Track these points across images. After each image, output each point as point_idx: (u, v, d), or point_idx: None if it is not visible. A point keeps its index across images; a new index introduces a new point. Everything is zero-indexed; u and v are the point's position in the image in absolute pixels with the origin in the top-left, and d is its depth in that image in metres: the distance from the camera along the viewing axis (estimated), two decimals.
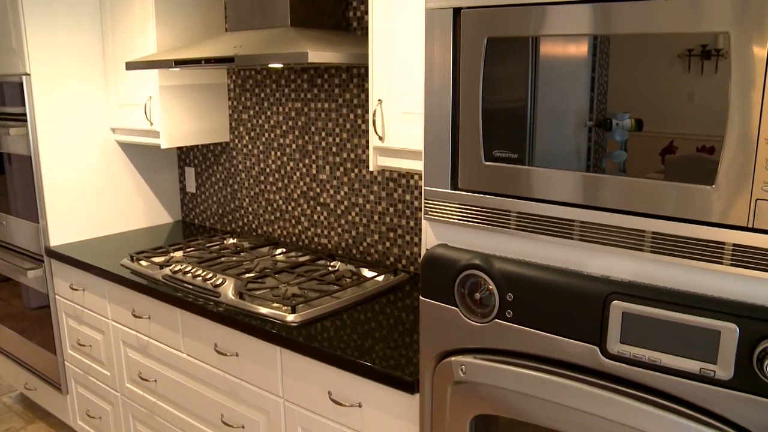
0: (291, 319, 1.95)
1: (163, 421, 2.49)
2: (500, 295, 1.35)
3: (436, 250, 1.44)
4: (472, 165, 1.36)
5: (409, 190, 2.37)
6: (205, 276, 2.25)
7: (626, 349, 1.21)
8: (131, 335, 2.52)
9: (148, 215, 3.24)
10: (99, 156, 2.97)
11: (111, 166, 3.03)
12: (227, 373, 2.14)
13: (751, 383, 1.09)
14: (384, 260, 2.51)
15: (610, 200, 1.20)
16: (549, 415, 1.33)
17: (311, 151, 2.67)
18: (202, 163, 3.19)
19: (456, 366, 1.44)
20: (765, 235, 1.05)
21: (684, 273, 1.16)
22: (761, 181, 1.03)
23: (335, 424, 1.85)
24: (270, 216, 2.91)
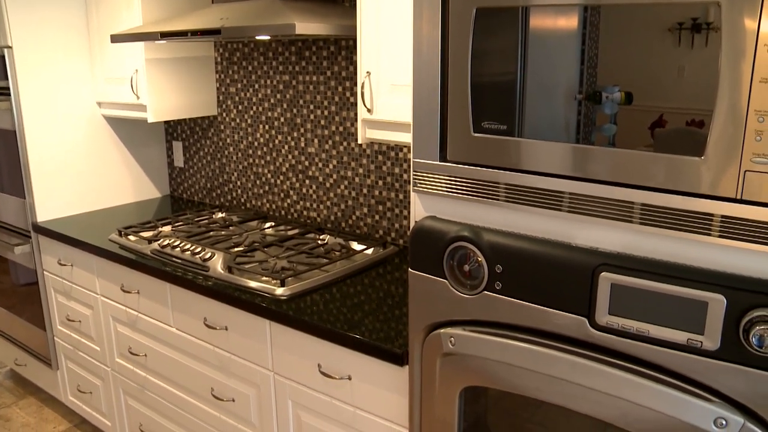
0: (280, 293, 1.95)
1: (153, 396, 2.49)
2: (489, 267, 1.35)
3: (425, 222, 1.44)
4: (460, 137, 1.35)
5: (398, 163, 2.36)
6: (194, 250, 2.24)
7: (614, 321, 1.21)
8: (120, 310, 2.51)
9: (136, 190, 3.22)
10: (85, 130, 2.94)
11: (98, 141, 3.00)
12: (217, 346, 2.14)
13: (737, 353, 1.10)
14: (373, 233, 2.51)
15: (600, 172, 1.20)
16: (538, 387, 1.34)
17: (299, 125, 2.65)
18: (189, 137, 3.16)
19: (445, 338, 1.45)
20: (753, 207, 1.05)
21: (672, 244, 1.16)
22: (750, 152, 1.03)
23: (325, 397, 1.85)
24: (258, 190, 2.90)
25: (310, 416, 1.92)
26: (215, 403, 2.23)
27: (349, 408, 1.80)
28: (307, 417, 1.93)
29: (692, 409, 1.15)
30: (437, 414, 1.53)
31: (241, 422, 2.16)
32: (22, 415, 3.18)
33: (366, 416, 1.77)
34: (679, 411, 1.17)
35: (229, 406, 2.17)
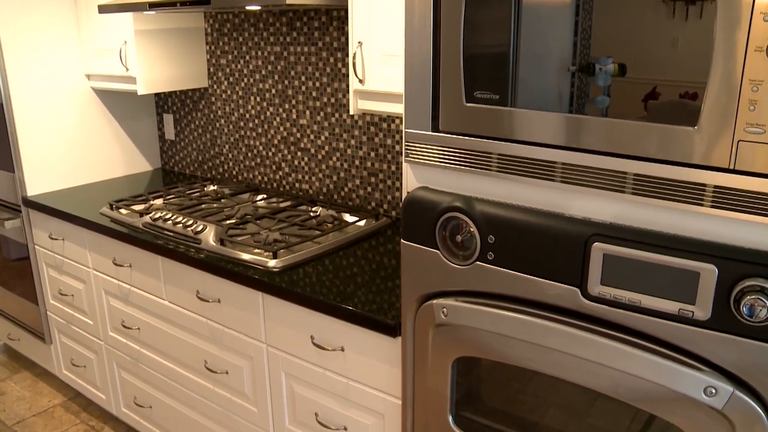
0: (272, 265, 1.95)
1: (147, 369, 2.50)
2: (481, 238, 1.35)
3: (417, 193, 1.43)
4: (453, 107, 1.34)
5: (390, 134, 2.35)
6: (186, 223, 2.23)
7: (607, 291, 1.22)
8: (113, 284, 2.51)
9: (127, 163, 3.19)
10: (74, 103, 2.91)
11: (87, 114, 2.97)
12: (210, 319, 2.14)
13: (727, 323, 1.10)
14: (365, 205, 2.50)
15: (593, 142, 1.19)
16: (530, 357, 1.34)
17: (291, 96, 2.63)
18: (180, 110, 3.13)
19: (437, 309, 1.45)
20: (746, 177, 1.05)
21: (665, 215, 1.16)
22: (744, 122, 1.03)
23: (318, 368, 1.86)
24: (250, 162, 2.88)
25: (304, 388, 1.93)
26: (209, 376, 2.23)
27: (342, 379, 1.81)
28: (300, 388, 1.94)
29: (682, 378, 1.16)
30: (430, 384, 1.54)
31: (235, 394, 2.16)
32: (17, 389, 3.19)
33: (359, 387, 1.78)
34: (669, 380, 1.17)
35: (223, 378, 2.18)
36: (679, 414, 1.19)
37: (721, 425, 1.15)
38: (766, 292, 1.04)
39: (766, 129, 1.01)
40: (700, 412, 1.17)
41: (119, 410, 2.76)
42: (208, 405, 2.29)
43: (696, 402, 1.16)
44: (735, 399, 1.12)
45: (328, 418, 1.89)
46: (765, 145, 1.02)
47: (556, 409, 1.44)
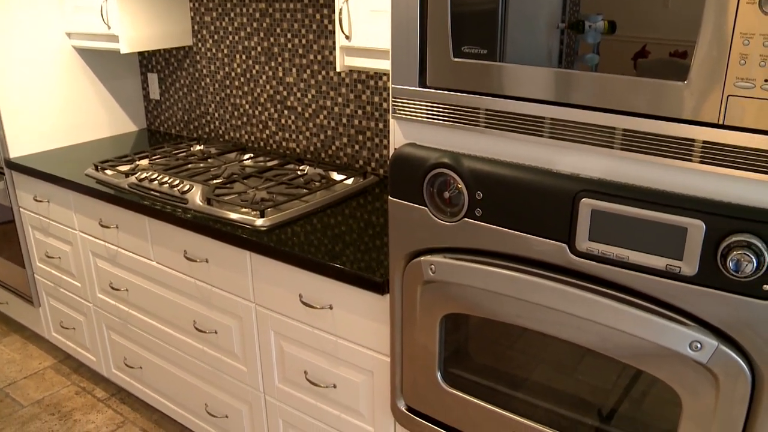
0: (260, 224, 1.94)
1: (136, 330, 2.50)
2: (469, 194, 1.34)
3: (405, 149, 1.42)
4: (440, 62, 1.32)
5: (378, 92, 2.32)
6: (172, 183, 2.21)
7: (595, 247, 1.22)
8: (100, 245, 2.49)
9: (112, 124, 3.15)
10: (55, 63, 2.85)
11: (70, 73, 2.92)
12: (198, 279, 2.13)
13: (714, 279, 1.11)
14: (353, 163, 2.49)
15: (581, 97, 1.18)
16: (518, 313, 1.35)
17: (277, 54, 2.59)
18: (165, 69, 3.08)
19: (425, 265, 1.45)
20: (735, 132, 1.04)
21: (653, 170, 1.15)
22: (734, 76, 1.02)
23: (307, 327, 1.86)
24: (237, 121, 2.85)
25: (293, 346, 1.94)
26: (198, 336, 2.24)
27: (331, 337, 1.81)
28: (289, 347, 1.95)
29: (669, 333, 1.17)
30: (418, 341, 1.55)
31: (225, 353, 2.17)
32: (6, 351, 3.19)
33: (348, 345, 1.79)
34: (656, 335, 1.18)
35: (212, 338, 2.18)
36: (664, 369, 1.20)
37: (705, 379, 1.16)
38: (752, 247, 1.05)
39: (757, 83, 1.00)
40: (686, 367, 1.18)
41: (109, 371, 2.77)
42: (197, 365, 2.29)
43: (681, 356, 1.17)
44: (719, 353, 1.13)
45: (317, 376, 1.91)
46: (755, 99, 1.01)
47: (544, 366, 1.45)
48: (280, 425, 2.11)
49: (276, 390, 2.06)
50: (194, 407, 2.42)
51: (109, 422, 2.69)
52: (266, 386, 2.08)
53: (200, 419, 2.42)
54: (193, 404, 2.41)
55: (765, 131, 1.02)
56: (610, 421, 1.38)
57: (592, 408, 1.41)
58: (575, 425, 1.41)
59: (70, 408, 2.78)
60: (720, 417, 1.17)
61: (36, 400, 2.83)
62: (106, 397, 2.85)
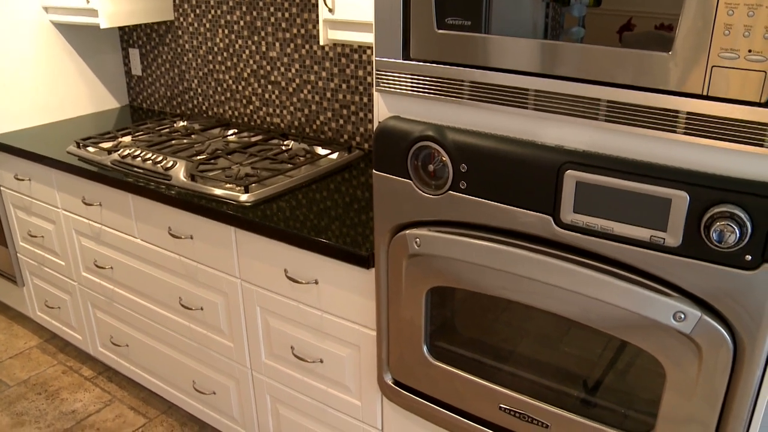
0: (244, 199, 1.93)
1: (122, 308, 2.49)
2: (454, 167, 1.33)
3: (389, 123, 1.41)
4: (424, 33, 1.31)
5: (362, 66, 2.30)
6: (156, 159, 2.19)
7: (579, 219, 1.21)
8: (83, 223, 2.47)
9: (93, 100, 3.11)
10: (33, 39, 2.80)
11: (48, 50, 2.87)
12: (183, 256, 2.12)
13: (697, 249, 1.11)
14: (338, 138, 2.47)
15: (566, 68, 1.17)
16: (503, 286, 1.35)
17: (260, 28, 2.56)
18: (146, 44, 3.04)
19: (410, 239, 1.44)
20: (719, 103, 1.04)
21: (638, 142, 1.15)
22: (718, 47, 1.01)
23: (292, 302, 1.86)
24: (220, 97, 2.82)
25: (279, 321, 1.94)
26: (184, 313, 2.23)
27: (317, 312, 1.81)
28: (275, 322, 1.95)
29: (653, 304, 1.17)
30: (404, 315, 1.55)
31: (211, 330, 2.17)
32: None
33: (333, 319, 1.79)
34: (640, 306, 1.19)
35: (198, 314, 2.18)
36: (649, 339, 1.21)
37: (689, 349, 1.17)
38: (735, 218, 1.05)
39: (740, 54, 1.00)
40: (670, 337, 1.18)
41: (96, 350, 2.77)
42: (184, 341, 2.29)
43: (665, 327, 1.18)
44: (702, 323, 1.14)
45: (304, 351, 1.91)
46: (738, 70, 1.01)
47: (530, 338, 1.46)
48: (267, 401, 2.12)
49: (263, 366, 2.06)
50: (182, 384, 2.42)
51: (97, 400, 2.69)
52: (253, 362, 2.08)
53: (188, 396, 2.42)
54: (181, 381, 2.41)
55: (748, 102, 1.02)
56: (596, 392, 1.39)
57: (577, 379, 1.42)
58: (561, 396, 1.42)
59: (57, 387, 2.77)
60: (702, 386, 1.18)
61: (22, 380, 2.82)
62: (93, 376, 2.84)
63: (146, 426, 2.55)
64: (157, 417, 2.60)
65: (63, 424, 2.56)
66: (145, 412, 2.62)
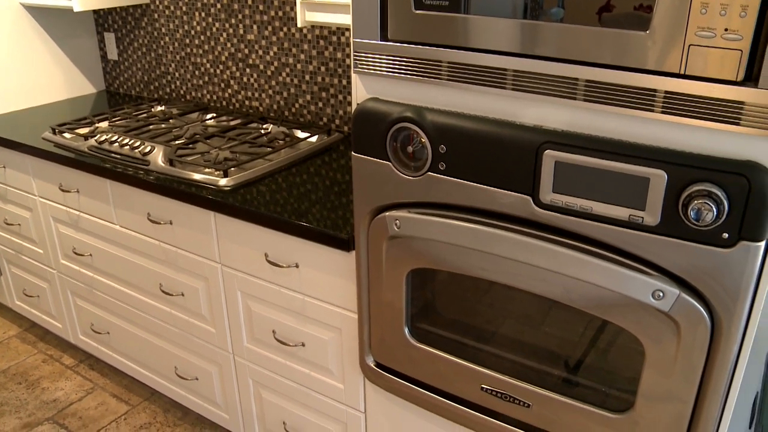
0: (224, 183, 1.91)
1: (102, 295, 2.47)
2: (433, 148, 1.33)
3: (367, 104, 1.40)
4: (401, 14, 1.30)
5: (341, 48, 2.28)
6: (133, 144, 2.17)
7: (559, 198, 1.22)
8: (61, 210, 2.44)
9: (69, 86, 3.06)
10: (3, 22, 2.74)
11: (20, 33, 2.81)
12: (162, 241, 2.11)
13: (675, 228, 1.12)
14: (317, 121, 2.46)
15: (544, 48, 1.17)
16: (483, 266, 1.35)
17: (237, 10, 2.53)
18: (122, 28, 3.00)
19: (390, 221, 1.44)
20: (696, 82, 1.04)
21: (616, 121, 1.15)
22: (695, 26, 1.01)
23: (273, 286, 1.85)
24: (198, 81, 2.79)
25: (260, 306, 1.93)
26: (165, 298, 2.22)
27: (298, 295, 1.81)
28: (256, 307, 1.94)
29: (632, 283, 1.18)
30: (385, 297, 1.55)
31: (192, 315, 2.16)
32: None
33: (315, 303, 1.78)
34: (619, 285, 1.20)
35: (179, 300, 2.17)
36: (628, 318, 1.22)
37: (667, 327, 1.18)
38: (712, 196, 1.06)
39: (717, 32, 1.00)
40: (649, 315, 1.19)
41: (77, 338, 2.74)
42: (165, 328, 2.28)
43: (645, 305, 1.19)
44: (681, 301, 1.15)
45: (285, 335, 1.91)
46: (715, 49, 1.01)
47: (511, 319, 1.47)
48: (250, 385, 2.11)
49: (245, 350, 2.05)
50: (164, 370, 2.41)
51: (78, 389, 2.67)
52: (235, 347, 2.08)
53: (170, 382, 2.41)
54: (163, 367, 2.40)
55: (725, 80, 1.02)
56: (577, 372, 1.40)
57: (559, 359, 1.43)
58: (542, 376, 1.43)
59: (38, 376, 2.75)
60: (681, 363, 1.19)
61: (2, 370, 2.79)
62: (74, 364, 2.83)
63: (129, 413, 2.54)
64: (140, 404, 2.59)
65: (44, 413, 2.54)
66: (128, 399, 2.61)
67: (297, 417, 2.03)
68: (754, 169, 1.03)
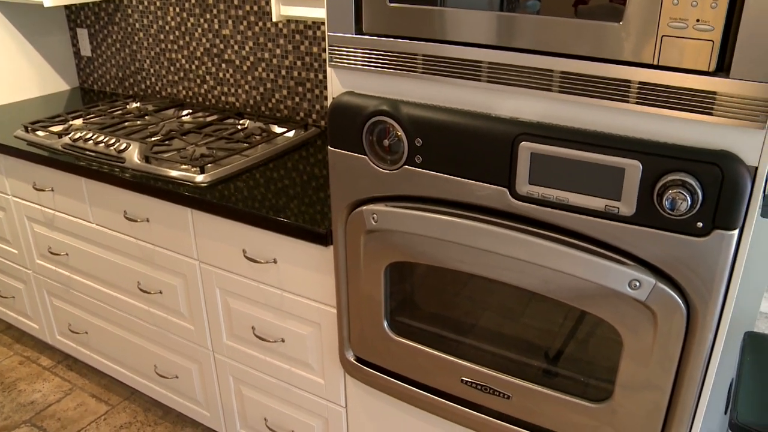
0: (200, 180, 1.90)
1: (79, 294, 2.44)
2: (409, 141, 1.33)
3: (343, 98, 1.39)
4: (376, 7, 1.29)
5: (317, 42, 2.27)
6: (108, 142, 2.14)
7: (535, 190, 1.22)
8: (35, 210, 2.41)
9: (41, 83, 3.02)
10: None
11: None
12: (139, 239, 2.09)
13: (651, 218, 1.13)
14: (294, 116, 2.45)
15: (518, 40, 1.17)
16: (461, 259, 1.35)
17: (212, 5, 2.51)
18: (95, 24, 2.96)
19: (368, 215, 1.44)
20: (669, 73, 1.05)
21: (591, 112, 1.16)
22: (668, 17, 1.02)
23: (252, 282, 1.85)
24: (173, 76, 2.77)
25: (239, 302, 1.92)
26: (143, 297, 2.20)
27: (277, 291, 1.80)
28: (235, 303, 1.93)
29: (609, 273, 1.19)
30: (364, 291, 1.55)
31: (171, 313, 2.14)
32: None
33: (294, 298, 1.78)
34: (596, 275, 1.20)
35: (157, 298, 2.15)
36: (606, 308, 1.23)
37: (644, 316, 1.19)
38: (686, 186, 1.06)
39: (689, 23, 1.00)
40: (626, 305, 1.20)
41: (54, 338, 2.71)
42: (144, 326, 2.26)
43: (622, 295, 1.19)
44: (657, 290, 1.16)
45: (265, 331, 1.90)
46: (688, 40, 1.02)
47: (491, 311, 1.47)
48: (230, 382, 2.10)
49: (224, 347, 2.04)
50: (143, 369, 2.39)
51: (57, 390, 2.64)
52: (214, 344, 2.07)
53: (150, 381, 2.39)
54: (142, 366, 2.38)
55: (698, 71, 1.03)
56: (556, 363, 1.41)
57: (538, 351, 1.43)
58: (522, 368, 1.44)
59: (14, 378, 2.72)
60: (658, 352, 1.21)
61: None
62: (52, 365, 2.80)
63: (109, 413, 2.52)
64: (120, 403, 2.57)
65: (21, 415, 2.51)
66: (108, 399, 2.59)
67: (278, 413, 2.02)
68: (727, 159, 1.04)
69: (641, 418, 1.28)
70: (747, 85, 1.00)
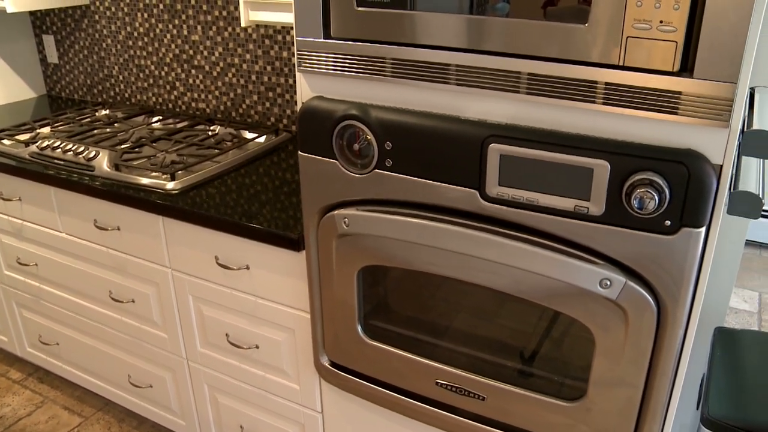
0: (171, 187, 1.88)
1: (50, 305, 2.41)
2: (379, 145, 1.33)
3: (312, 103, 1.39)
4: (344, 12, 1.29)
5: (286, 47, 2.26)
6: (77, 150, 2.12)
7: (505, 191, 1.23)
8: (2, 220, 2.37)
9: (6, 91, 2.97)
10: None
11: None
12: (110, 248, 2.06)
13: (620, 217, 1.14)
14: (265, 121, 2.43)
15: (486, 43, 1.17)
16: (433, 261, 1.36)
17: (180, 11, 2.49)
18: (61, 30, 2.92)
19: (339, 219, 1.43)
20: (635, 73, 1.07)
21: (559, 113, 1.17)
22: (632, 18, 1.03)
23: (225, 288, 1.83)
24: (142, 83, 2.74)
25: (212, 309, 1.91)
26: (115, 306, 2.17)
27: (250, 297, 1.79)
28: (209, 310, 1.92)
29: (579, 272, 1.20)
30: (337, 296, 1.54)
31: (144, 322, 2.12)
32: None
33: (267, 304, 1.77)
34: (567, 275, 1.21)
35: (130, 307, 2.12)
36: (577, 307, 1.24)
37: (615, 315, 1.20)
38: (654, 185, 1.08)
39: (653, 25, 1.02)
40: (597, 304, 1.21)
41: (24, 351, 2.67)
42: (117, 335, 2.23)
43: (593, 294, 1.20)
44: (627, 289, 1.17)
45: (239, 338, 1.88)
46: (652, 41, 1.03)
47: (465, 313, 1.47)
48: (205, 390, 2.09)
49: (198, 355, 2.02)
50: (117, 379, 2.36)
51: (27, 403, 2.60)
52: (188, 352, 2.05)
53: (124, 391, 2.36)
54: (116, 376, 2.35)
55: (662, 71, 1.04)
56: (531, 363, 1.42)
57: (513, 351, 1.44)
58: (497, 369, 1.44)
59: None
60: (630, 349, 1.22)
61: None
62: (22, 378, 2.75)
63: (82, 425, 2.48)
64: (93, 415, 2.53)
65: None
66: (81, 411, 2.56)
67: (254, 420, 2.01)
68: (693, 157, 1.06)
69: (615, 415, 1.29)
70: (710, 84, 1.01)
